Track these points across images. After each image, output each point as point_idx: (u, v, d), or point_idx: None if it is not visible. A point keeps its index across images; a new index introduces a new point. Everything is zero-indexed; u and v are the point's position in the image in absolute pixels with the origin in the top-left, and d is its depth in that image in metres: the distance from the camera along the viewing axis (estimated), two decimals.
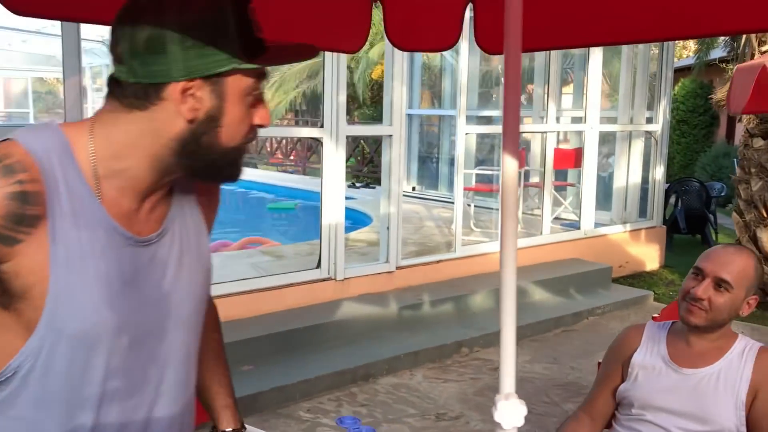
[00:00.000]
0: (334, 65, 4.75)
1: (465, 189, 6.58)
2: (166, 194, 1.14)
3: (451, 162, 8.59)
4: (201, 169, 1.09)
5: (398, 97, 5.22)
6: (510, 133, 1.27)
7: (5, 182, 0.97)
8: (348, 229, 5.68)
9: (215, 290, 1.30)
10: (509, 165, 1.26)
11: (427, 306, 5.08)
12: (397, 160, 5.24)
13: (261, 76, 1.07)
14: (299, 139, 15.27)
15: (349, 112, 10.36)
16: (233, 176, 1.12)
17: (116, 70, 1.03)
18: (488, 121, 9.19)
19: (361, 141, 13.85)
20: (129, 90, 1.03)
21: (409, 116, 9.32)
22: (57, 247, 1.01)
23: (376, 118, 14.01)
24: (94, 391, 1.07)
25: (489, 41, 1.90)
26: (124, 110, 1.04)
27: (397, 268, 5.31)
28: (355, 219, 7.82)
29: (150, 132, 1.04)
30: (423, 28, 1.99)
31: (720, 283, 1.81)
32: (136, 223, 1.09)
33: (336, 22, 1.94)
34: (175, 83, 1.01)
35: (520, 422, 1.19)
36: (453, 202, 6.32)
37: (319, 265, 4.93)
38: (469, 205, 7.19)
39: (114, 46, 1.02)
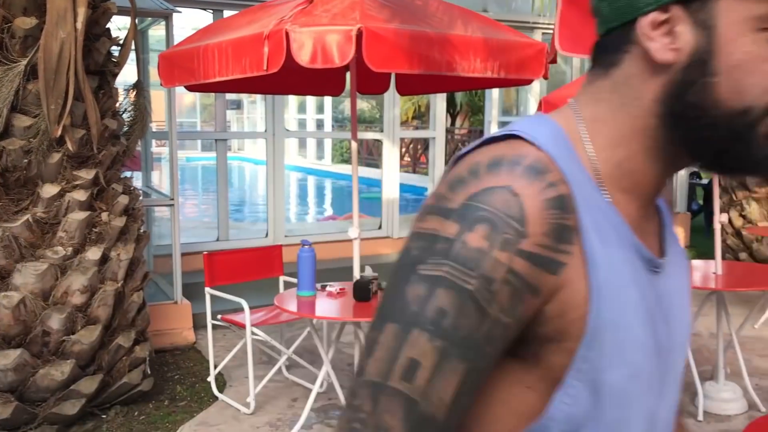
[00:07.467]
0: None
1: None
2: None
3: None
4: (697, 146, 0.73)
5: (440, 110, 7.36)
6: None
7: (537, 187, 0.67)
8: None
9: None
10: None
11: None
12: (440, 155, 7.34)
13: None
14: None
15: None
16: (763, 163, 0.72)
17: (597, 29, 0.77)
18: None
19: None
20: (601, 47, 0.76)
21: None
22: (597, 269, 0.70)
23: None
24: None
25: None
26: (602, 77, 0.75)
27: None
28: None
29: (630, 97, 0.73)
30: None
31: None
32: (646, 239, 0.79)
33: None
34: (643, 17, 0.70)
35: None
36: None
37: (380, 227, 7.14)
38: None
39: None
